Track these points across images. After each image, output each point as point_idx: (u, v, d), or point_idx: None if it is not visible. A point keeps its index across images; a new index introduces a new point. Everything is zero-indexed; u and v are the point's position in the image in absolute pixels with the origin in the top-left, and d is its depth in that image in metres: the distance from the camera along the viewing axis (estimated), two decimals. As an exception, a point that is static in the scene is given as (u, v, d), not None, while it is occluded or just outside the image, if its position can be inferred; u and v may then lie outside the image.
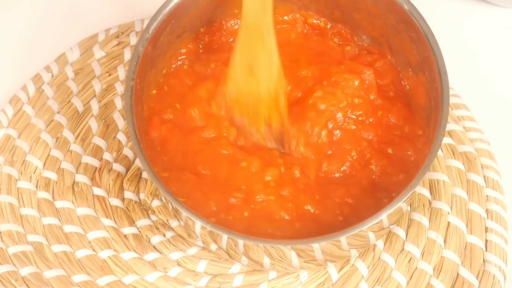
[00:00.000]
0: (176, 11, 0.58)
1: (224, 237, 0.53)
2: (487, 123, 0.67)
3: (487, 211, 0.63)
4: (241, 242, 0.53)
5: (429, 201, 0.63)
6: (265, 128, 0.58)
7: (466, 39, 0.72)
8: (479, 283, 0.60)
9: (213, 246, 0.57)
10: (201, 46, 0.62)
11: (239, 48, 0.57)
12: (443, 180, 0.64)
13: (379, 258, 0.61)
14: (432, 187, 0.63)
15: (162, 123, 0.58)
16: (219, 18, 0.62)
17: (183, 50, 0.61)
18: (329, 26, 0.63)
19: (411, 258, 0.61)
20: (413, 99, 0.59)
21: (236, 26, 0.63)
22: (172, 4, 0.57)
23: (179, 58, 0.61)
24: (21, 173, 0.63)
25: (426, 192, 0.63)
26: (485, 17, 0.73)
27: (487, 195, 0.63)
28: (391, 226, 0.57)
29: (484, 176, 0.64)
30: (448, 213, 0.62)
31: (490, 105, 0.68)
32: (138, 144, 0.53)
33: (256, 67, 0.57)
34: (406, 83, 0.60)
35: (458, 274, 0.60)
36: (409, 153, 0.57)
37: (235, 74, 0.57)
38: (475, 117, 0.67)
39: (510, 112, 0.68)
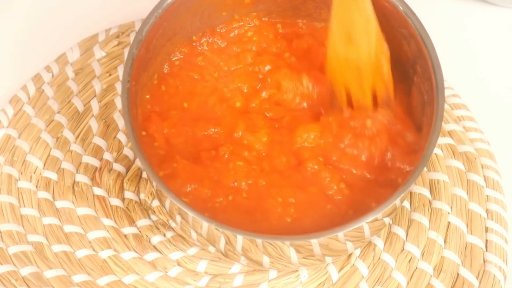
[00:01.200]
0: (168, 14, 0.58)
1: (222, 239, 0.53)
2: (487, 123, 0.67)
3: (487, 211, 0.63)
4: (239, 243, 0.53)
5: (429, 201, 0.63)
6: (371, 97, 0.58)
7: (466, 39, 0.72)
8: (479, 283, 0.60)
9: (211, 249, 0.57)
10: (199, 50, 0.62)
11: (334, 16, 0.56)
12: (443, 180, 0.64)
13: (379, 258, 0.61)
14: (432, 187, 0.63)
15: (163, 120, 0.58)
16: (208, 21, 0.62)
17: (177, 53, 0.61)
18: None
19: (411, 258, 0.61)
20: (407, 96, 0.59)
21: (224, 30, 0.63)
22: (164, 6, 0.57)
23: (171, 62, 0.61)
24: (21, 173, 0.63)
25: (426, 192, 0.63)
26: (485, 17, 0.73)
27: (487, 195, 0.63)
28: (389, 223, 0.57)
29: (484, 176, 0.64)
30: (448, 213, 0.62)
31: (490, 105, 0.68)
32: (138, 146, 0.53)
33: (355, 33, 0.56)
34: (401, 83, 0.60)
35: (458, 274, 0.60)
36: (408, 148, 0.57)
37: (334, 44, 0.57)
38: (475, 117, 0.67)
39: (510, 112, 0.68)
